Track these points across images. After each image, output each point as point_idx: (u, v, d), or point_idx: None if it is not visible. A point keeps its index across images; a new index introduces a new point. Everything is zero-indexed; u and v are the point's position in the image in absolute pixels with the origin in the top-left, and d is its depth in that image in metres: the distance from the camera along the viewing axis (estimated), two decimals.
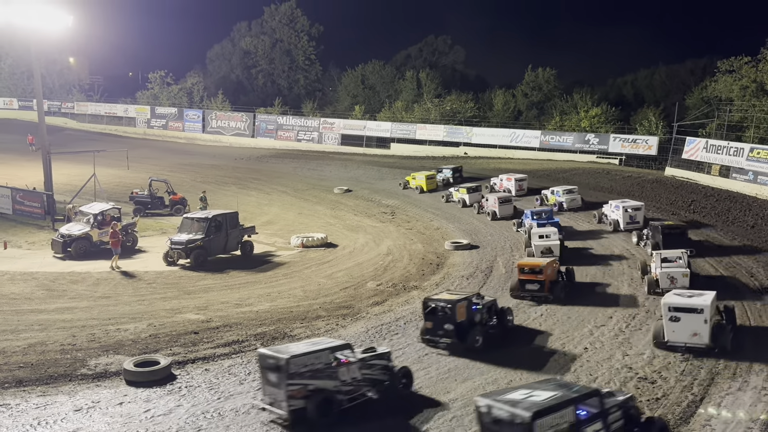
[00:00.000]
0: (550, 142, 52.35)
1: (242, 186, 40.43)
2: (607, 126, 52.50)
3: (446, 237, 27.54)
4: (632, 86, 68.68)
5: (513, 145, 53.89)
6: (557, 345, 15.12)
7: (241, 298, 18.81)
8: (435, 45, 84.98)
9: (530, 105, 63.10)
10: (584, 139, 50.73)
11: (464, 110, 61.30)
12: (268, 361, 11.02)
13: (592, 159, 49.18)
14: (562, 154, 50.89)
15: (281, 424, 11.03)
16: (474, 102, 63.01)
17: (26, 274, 20.49)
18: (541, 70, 63.39)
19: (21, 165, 42.99)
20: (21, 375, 12.43)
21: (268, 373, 11.06)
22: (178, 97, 76.63)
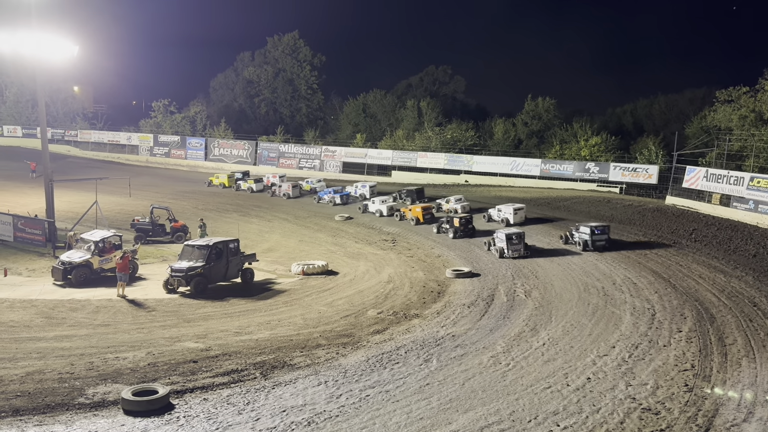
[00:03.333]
0: (551, 170, 52.58)
1: (243, 213, 40.48)
2: (607, 155, 52.80)
3: (447, 265, 27.48)
4: (632, 115, 69.22)
5: (514, 173, 54.16)
6: (560, 375, 14.96)
7: (240, 326, 18.68)
8: (435, 75, 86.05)
9: (530, 133, 63.55)
10: (585, 167, 50.96)
11: (465, 138, 61.77)
12: None
13: (593, 187, 49.34)
14: (562, 183, 51.08)
15: None
16: (474, 130, 63.53)
17: (26, 302, 20.41)
18: (541, 100, 64.02)
19: (23, 192, 43.18)
20: (18, 404, 12.29)
21: None
22: (181, 126, 77.33)
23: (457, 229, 33.11)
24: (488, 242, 30.29)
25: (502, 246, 28.80)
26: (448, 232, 33.42)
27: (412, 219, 37.09)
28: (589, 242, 29.71)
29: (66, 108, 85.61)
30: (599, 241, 29.71)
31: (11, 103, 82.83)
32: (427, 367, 15.32)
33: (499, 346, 16.99)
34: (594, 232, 29.76)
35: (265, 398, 13.23)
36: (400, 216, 37.90)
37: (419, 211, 37.14)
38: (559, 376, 14.89)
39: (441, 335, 17.97)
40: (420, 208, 37.45)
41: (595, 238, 29.81)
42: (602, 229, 30.34)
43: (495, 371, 15.13)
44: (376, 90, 77.98)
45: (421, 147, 61.80)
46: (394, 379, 14.48)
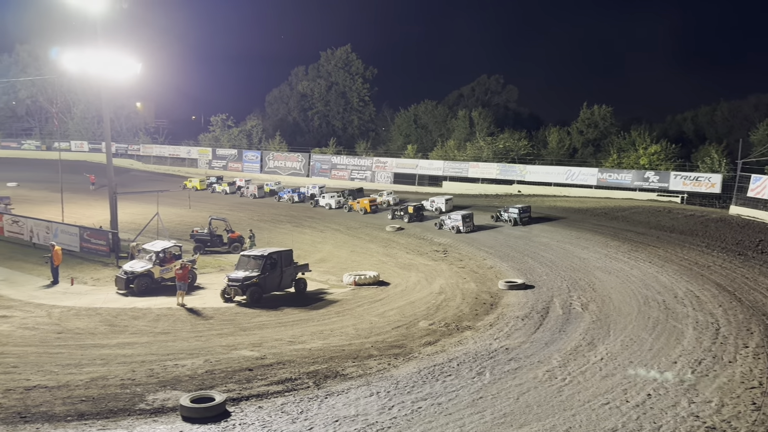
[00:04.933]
0: (608, 179, 51.31)
1: (297, 224, 41.11)
2: (667, 163, 51.14)
3: (500, 276, 27.12)
4: (693, 122, 66.85)
5: (569, 183, 53.11)
6: (618, 391, 14.49)
7: (294, 336, 18.92)
8: (487, 84, 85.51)
9: (586, 142, 62.19)
10: (643, 176, 49.51)
11: (518, 148, 60.99)
12: None
13: (653, 197, 47.85)
14: (620, 192, 49.76)
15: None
16: (528, 140, 62.65)
17: (90, 310, 21.28)
18: (597, 107, 62.62)
19: (89, 204, 45.18)
20: (83, 408, 12.77)
21: None
22: (238, 139, 79.39)
23: (411, 215, 41.29)
24: (438, 223, 39.06)
25: (458, 224, 37.52)
26: (403, 217, 41.52)
27: (360, 210, 45.11)
28: (518, 219, 39.17)
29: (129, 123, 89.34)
30: (524, 218, 39.37)
31: (78, 119, 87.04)
32: (480, 381, 15.11)
33: (555, 360, 16.60)
34: (521, 212, 39.49)
35: (318, 408, 13.32)
36: (349, 208, 45.90)
37: (366, 203, 45.41)
38: (618, 392, 14.42)
39: (494, 348, 17.71)
40: (367, 200, 45.81)
41: (522, 215, 39.39)
42: (526, 209, 40.16)
43: (551, 386, 14.79)
44: (427, 101, 78.09)
45: (472, 157, 61.38)
46: (446, 391, 14.34)
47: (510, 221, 39.40)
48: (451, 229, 37.83)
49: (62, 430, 11.69)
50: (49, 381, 14.09)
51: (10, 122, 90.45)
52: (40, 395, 13.23)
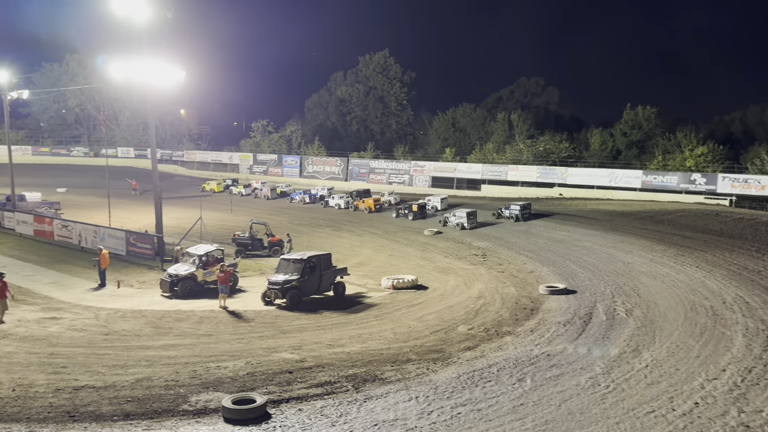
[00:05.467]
0: (653, 182, 50.09)
1: (335, 228, 41.39)
2: (714, 165, 49.61)
3: (540, 281, 26.73)
4: (741, 123, 64.70)
5: (612, 186, 52.04)
6: (664, 399, 14.08)
7: (333, 339, 19.02)
8: (527, 86, 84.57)
9: (630, 144, 60.87)
10: (690, 179, 48.15)
11: (559, 150, 60.12)
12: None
13: (700, 200, 46.48)
14: (666, 195, 48.52)
15: None
16: (569, 142, 61.69)
17: (136, 312, 21.83)
18: (641, 108, 61.21)
19: (134, 209, 46.44)
20: (129, 409, 13.10)
21: None
22: (278, 144, 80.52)
23: (415, 213, 44.19)
24: (442, 220, 41.40)
25: (463, 221, 39.81)
26: (408, 215, 44.30)
27: (365, 209, 48.14)
28: (519, 216, 41.66)
29: (173, 130, 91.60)
30: (525, 214, 41.88)
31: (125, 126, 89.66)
32: (521, 387, 14.89)
33: (598, 367, 16.24)
34: (522, 209, 42.07)
35: (357, 411, 13.34)
36: (354, 207, 49.14)
37: (371, 202, 48.35)
38: (663, 400, 14.02)
39: (535, 354, 17.44)
40: (372, 200, 48.68)
41: (523, 212, 42.01)
42: (526, 206, 42.82)
43: (594, 393, 14.47)
44: (465, 104, 77.73)
45: (511, 160, 60.76)
46: (486, 397, 14.18)
47: (512, 218, 42.12)
48: (456, 225, 40.28)
49: (109, 429, 12.00)
50: (97, 381, 14.49)
51: (60, 130, 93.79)
52: (88, 395, 13.61)
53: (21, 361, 15.89)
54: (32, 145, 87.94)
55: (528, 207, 43.05)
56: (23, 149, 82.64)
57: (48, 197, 49.06)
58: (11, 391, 13.63)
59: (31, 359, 16.05)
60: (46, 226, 35.66)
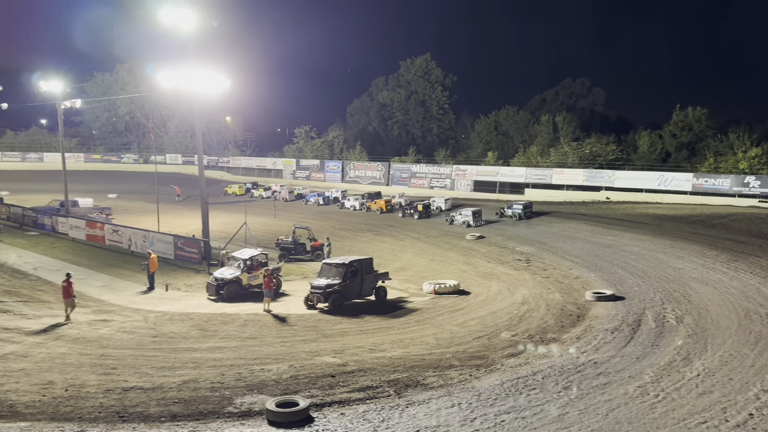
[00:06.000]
0: (704, 185, 48.50)
1: (377, 233, 41.46)
2: None
3: (587, 286, 26.14)
4: None
5: (661, 189, 50.64)
6: (717, 409, 13.55)
7: (375, 344, 19.01)
8: (572, 88, 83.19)
9: (679, 146, 59.12)
10: (743, 181, 46.46)
11: (605, 153, 58.86)
12: None
13: (754, 203, 44.76)
14: (717, 198, 46.93)
15: None
16: (616, 144, 60.32)
17: (183, 315, 22.30)
18: (691, 109, 59.38)
19: (182, 214, 47.57)
20: (175, 410, 13.35)
21: None
22: (320, 150, 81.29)
23: (420, 212, 46.93)
24: (449, 219, 44.20)
25: (468, 219, 42.52)
26: (413, 215, 47.06)
27: (377, 209, 50.95)
28: (522, 214, 44.28)
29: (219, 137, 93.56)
30: (527, 213, 44.74)
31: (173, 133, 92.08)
32: (567, 395, 14.56)
33: (647, 376, 15.76)
34: (525, 208, 44.89)
35: (399, 417, 13.28)
36: (367, 208, 51.81)
37: (383, 203, 51.19)
38: (716, 411, 13.49)
39: (581, 361, 17.04)
40: (383, 201, 51.50)
41: (525, 211, 44.69)
42: (528, 205, 45.73)
43: (642, 402, 14.04)
44: (508, 107, 76.91)
45: (556, 163, 59.78)
46: (530, 405, 13.92)
47: (515, 216, 44.64)
48: (462, 224, 42.87)
49: (156, 430, 12.26)
50: (145, 383, 14.84)
51: (111, 137, 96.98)
52: (137, 396, 13.95)
53: (73, 361, 16.41)
54: (84, 153, 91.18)
55: (530, 206, 45.94)
56: (76, 156, 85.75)
57: (99, 203, 50.70)
58: (64, 390, 14.08)
59: (83, 360, 16.55)
60: (97, 231, 36.82)
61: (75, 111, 77.34)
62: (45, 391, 13.95)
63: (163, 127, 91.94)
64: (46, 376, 15.08)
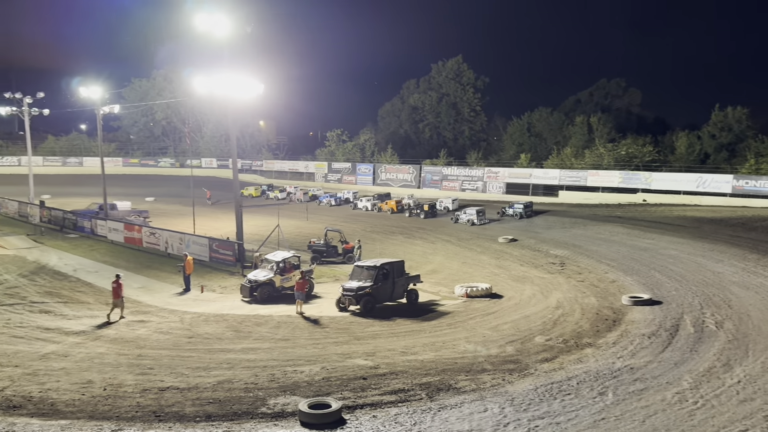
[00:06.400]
0: (745, 187, 47.19)
1: (408, 235, 41.41)
2: None
3: (623, 291, 25.65)
4: None
5: (700, 191, 49.43)
6: (759, 417, 13.13)
7: (406, 346, 18.98)
8: (607, 88, 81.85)
9: (719, 147, 57.64)
10: None
11: (642, 154, 57.75)
12: None
13: None
14: (759, 201, 45.54)
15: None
16: (653, 145, 59.11)
17: (218, 316, 22.62)
18: (731, 109, 57.83)
19: (217, 217, 48.29)
20: (210, 410, 13.54)
21: None
22: (352, 153, 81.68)
23: (426, 212, 49.75)
24: (454, 218, 47.02)
25: (473, 218, 45.25)
26: (420, 214, 49.97)
27: (388, 210, 53.68)
28: (523, 213, 47.09)
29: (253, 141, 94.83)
30: (528, 212, 47.53)
31: (208, 138, 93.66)
32: (602, 401, 14.30)
33: (686, 382, 15.37)
34: (525, 207, 47.76)
35: (431, 420, 13.22)
36: (379, 209, 54.61)
37: (393, 204, 53.96)
38: (758, 419, 13.08)
39: (617, 367, 16.72)
40: (393, 202, 54.40)
41: (526, 210, 47.49)
42: (528, 204, 48.68)
43: (681, 409, 13.70)
44: (541, 108, 76.09)
45: (591, 165, 58.87)
46: (565, 411, 13.71)
47: (516, 215, 47.42)
48: (466, 222, 45.62)
49: (191, 430, 12.45)
50: (181, 383, 15.09)
51: (148, 142, 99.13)
52: (173, 396, 14.19)
53: (111, 361, 16.78)
54: (123, 157, 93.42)
55: (530, 205, 48.88)
56: (114, 161, 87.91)
57: (137, 206, 51.75)
58: (102, 390, 14.41)
59: (120, 360, 16.92)
60: (135, 234, 37.63)
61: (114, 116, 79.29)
62: (84, 390, 14.29)
63: (199, 131, 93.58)
64: (85, 375, 15.45)
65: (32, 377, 15.06)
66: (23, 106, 49.93)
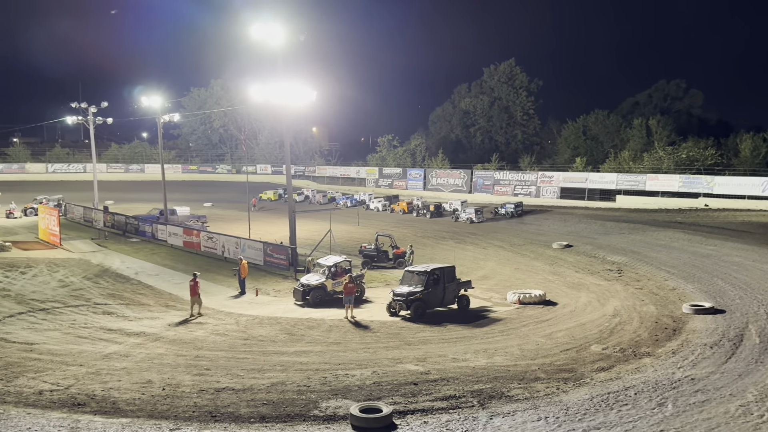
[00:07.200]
0: None
1: (459, 240, 41.14)
2: None
3: (684, 299, 24.74)
4: None
5: (766, 196, 47.13)
6: None
7: (457, 353, 18.85)
8: (667, 90, 79.32)
9: None
10: None
11: (704, 158, 55.61)
12: None
13: None
14: None
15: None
16: (715, 148, 56.83)
17: (272, 319, 23.03)
18: None
19: (271, 221, 49.26)
20: (264, 411, 13.78)
21: None
22: (402, 158, 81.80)
23: (432, 212, 53.99)
24: (454, 216, 51.65)
25: (471, 216, 49.75)
26: (426, 214, 54.17)
27: (399, 210, 57.68)
28: (514, 212, 51.74)
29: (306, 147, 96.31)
30: (518, 211, 52.22)
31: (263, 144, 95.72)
32: (661, 412, 13.81)
33: (751, 394, 14.67)
34: (516, 206, 52.58)
35: (483, 428, 13.07)
36: (391, 210, 58.81)
37: (404, 205, 58.16)
38: None
39: (678, 377, 16.12)
40: (405, 203, 58.73)
41: (516, 209, 52.25)
42: (519, 204, 53.49)
43: (745, 423, 13.08)
44: (597, 110, 74.32)
45: (650, 169, 57.10)
46: (622, 421, 13.31)
47: (507, 214, 51.66)
48: (466, 220, 49.94)
49: (246, 430, 12.70)
50: (236, 384, 15.42)
51: (206, 149, 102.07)
52: (228, 397, 14.51)
53: (170, 362, 17.31)
54: (182, 164, 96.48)
55: (520, 205, 53.75)
56: (174, 168, 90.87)
57: (195, 211, 53.29)
58: (161, 389, 14.87)
59: (179, 361, 17.43)
60: (193, 238, 38.77)
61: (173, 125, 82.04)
62: (144, 390, 14.78)
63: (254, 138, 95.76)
64: (145, 375, 15.98)
65: (95, 376, 15.67)
66: (88, 116, 52.32)
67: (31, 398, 13.86)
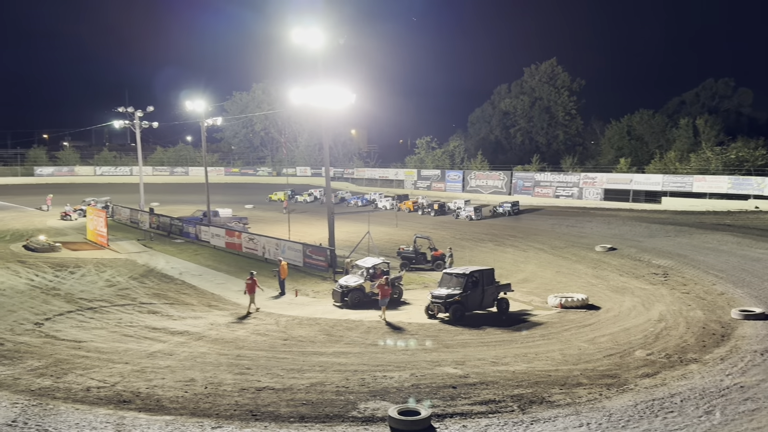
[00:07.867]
0: None
1: (498, 243, 40.73)
2: None
3: (732, 304, 23.92)
4: None
5: None
6: None
7: (497, 356, 18.65)
8: (715, 88, 76.92)
9: None
10: None
11: (754, 158, 53.71)
12: None
13: None
14: None
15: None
16: (766, 149, 54.84)
17: (311, 320, 23.23)
18: None
19: (311, 223, 49.71)
20: (304, 411, 13.89)
21: None
22: (441, 160, 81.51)
23: (436, 210, 56.23)
24: (455, 214, 54.26)
25: (471, 214, 52.54)
26: (430, 213, 56.49)
27: (406, 209, 59.69)
28: (510, 211, 54.95)
29: (345, 149, 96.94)
30: (515, 210, 55.58)
31: (303, 147, 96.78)
32: (709, 420, 13.38)
33: None
34: (512, 205, 55.94)
35: None
36: (398, 209, 60.28)
37: (410, 204, 60.50)
38: None
39: (726, 385, 15.58)
40: (411, 202, 60.91)
41: (513, 208, 55.68)
42: (515, 203, 56.76)
43: None
44: (642, 110, 72.60)
45: (697, 170, 55.47)
46: (667, 429, 12.93)
47: (505, 213, 54.77)
48: (466, 217, 52.71)
49: (286, 430, 12.83)
50: (276, 383, 15.59)
51: (248, 152, 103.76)
52: (268, 396, 14.69)
53: (212, 361, 17.62)
54: (225, 167, 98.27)
55: (516, 204, 56.99)
56: (217, 170, 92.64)
57: (237, 213, 54.20)
58: (204, 388, 15.15)
59: (220, 360, 17.74)
60: (235, 239, 39.43)
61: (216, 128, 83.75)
62: (187, 388, 15.08)
63: (294, 141, 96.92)
64: (188, 373, 16.30)
65: (140, 374, 16.07)
66: (135, 120, 53.82)
67: (80, 394, 14.30)
